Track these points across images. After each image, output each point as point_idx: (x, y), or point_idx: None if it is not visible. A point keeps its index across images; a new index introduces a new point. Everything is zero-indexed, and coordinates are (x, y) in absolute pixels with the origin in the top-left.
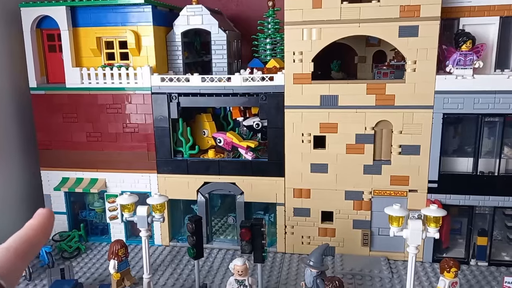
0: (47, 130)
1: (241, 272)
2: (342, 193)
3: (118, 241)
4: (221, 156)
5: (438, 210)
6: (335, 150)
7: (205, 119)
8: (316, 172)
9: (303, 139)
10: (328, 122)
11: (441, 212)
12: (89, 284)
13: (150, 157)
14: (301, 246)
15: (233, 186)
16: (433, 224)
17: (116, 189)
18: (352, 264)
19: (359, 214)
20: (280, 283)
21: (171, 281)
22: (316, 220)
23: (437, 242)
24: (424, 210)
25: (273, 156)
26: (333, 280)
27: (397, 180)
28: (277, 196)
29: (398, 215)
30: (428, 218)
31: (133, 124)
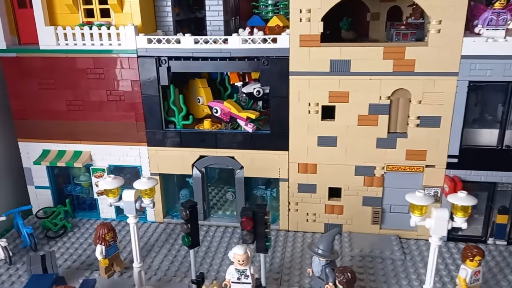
0: (22, 97)
1: (242, 261)
2: (352, 168)
3: (105, 225)
4: (218, 126)
5: (468, 198)
6: (345, 121)
7: (199, 85)
8: (324, 146)
9: (309, 109)
10: (338, 90)
11: (471, 201)
12: (75, 269)
13: (139, 128)
14: (306, 223)
15: (232, 160)
16: (460, 213)
17: (103, 163)
18: (361, 243)
19: (370, 191)
20: (283, 266)
21: (165, 265)
22: (323, 197)
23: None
24: (452, 197)
25: (276, 128)
26: (345, 271)
27: (413, 154)
28: (280, 171)
29: (421, 204)
30: (455, 207)
31: (118, 92)
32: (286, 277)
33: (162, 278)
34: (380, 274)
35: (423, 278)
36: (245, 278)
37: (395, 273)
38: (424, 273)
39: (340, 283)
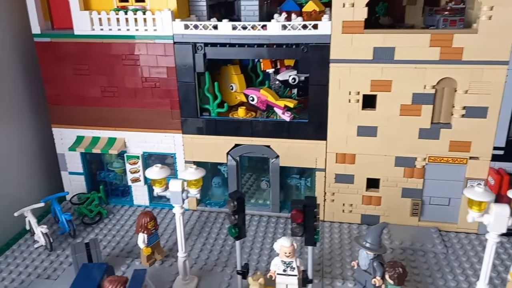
0: (56, 83)
1: (288, 253)
2: (392, 159)
3: (147, 214)
4: (252, 115)
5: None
6: (387, 111)
7: (232, 72)
8: (363, 136)
9: (350, 98)
10: (381, 79)
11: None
12: (115, 256)
13: (174, 116)
14: (342, 214)
15: (268, 149)
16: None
17: (137, 150)
18: (401, 236)
19: (410, 182)
20: (323, 258)
21: (205, 254)
22: (360, 188)
23: None
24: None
25: (314, 117)
26: (396, 266)
27: (457, 145)
28: (317, 161)
29: (481, 200)
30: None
31: (153, 78)
32: (328, 269)
33: (203, 267)
34: (424, 268)
35: (468, 272)
36: (291, 270)
37: (438, 266)
38: (468, 267)
39: (391, 278)
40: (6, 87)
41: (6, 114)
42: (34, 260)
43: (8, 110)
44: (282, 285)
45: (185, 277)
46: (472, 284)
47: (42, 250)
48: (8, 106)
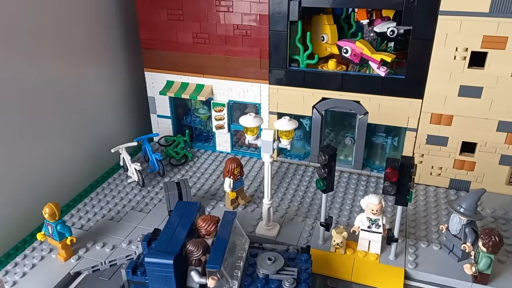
0: (151, 28)
1: (376, 211)
2: (495, 123)
3: (234, 160)
4: (343, 67)
5: None
6: (496, 71)
7: (325, 22)
8: (465, 96)
9: (456, 54)
10: (495, 35)
11: None
12: (201, 197)
13: (262, 65)
14: (429, 177)
15: (357, 104)
16: None
17: (223, 98)
18: (494, 204)
19: (511, 149)
20: (407, 219)
21: (285, 204)
22: (453, 151)
23: None
24: None
25: (413, 74)
26: (492, 234)
27: None
28: (409, 120)
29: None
30: None
31: (245, 26)
32: (412, 230)
33: (284, 215)
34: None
35: None
36: (376, 228)
37: None
38: None
39: (484, 245)
40: (103, 29)
41: (102, 54)
42: (128, 194)
43: (104, 50)
44: (365, 241)
45: (268, 223)
46: None
47: (134, 185)
48: (104, 47)
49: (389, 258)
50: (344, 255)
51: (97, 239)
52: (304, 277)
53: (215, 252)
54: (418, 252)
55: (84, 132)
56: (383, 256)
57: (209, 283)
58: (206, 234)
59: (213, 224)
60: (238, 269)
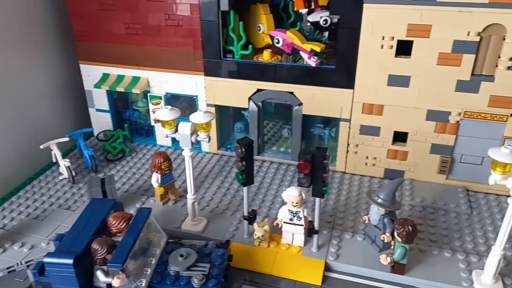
0: (82, 18)
1: (296, 203)
2: (424, 112)
3: (161, 154)
4: (278, 58)
5: None
6: (422, 59)
7: (261, 11)
8: (394, 86)
9: (383, 43)
10: (419, 23)
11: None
12: (132, 193)
13: (196, 56)
14: (364, 167)
15: (291, 95)
16: None
17: (160, 90)
18: (424, 193)
19: (441, 138)
20: (337, 210)
21: (218, 198)
22: (386, 141)
23: None
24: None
25: (343, 63)
26: (406, 224)
27: (498, 101)
28: (342, 110)
29: (507, 162)
30: None
31: (176, 16)
32: (340, 221)
33: (214, 209)
34: (442, 227)
35: (489, 235)
36: (298, 220)
37: (459, 227)
38: (491, 230)
39: (399, 235)
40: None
41: (34, 45)
42: (58, 191)
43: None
44: (288, 234)
45: (194, 218)
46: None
47: (65, 182)
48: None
49: (312, 250)
50: (267, 249)
51: (16, 239)
52: (215, 273)
53: (119, 251)
54: (341, 244)
55: (16, 127)
56: (307, 249)
57: (114, 283)
58: (117, 232)
59: (124, 221)
60: (149, 266)
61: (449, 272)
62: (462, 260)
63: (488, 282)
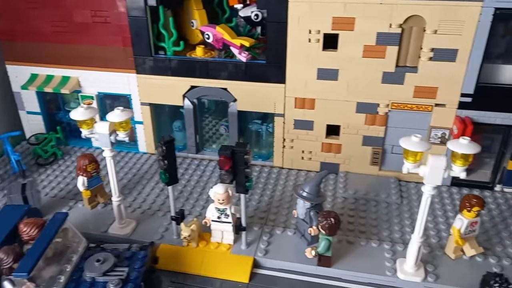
0: (8, 16)
1: (222, 200)
2: (353, 105)
3: (86, 156)
4: (212, 54)
5: (470, 145)
6: (349, 52)
7: (193, 6)
8: (324, 79)
9: (310, 37)
10: (343, 16)
11: (474, 149)
12: (61, 198)
13: (126, 54)
14: (301, 161)
15: (225, 92)
16: (460, 162)
17: (91, 90)
18: (357, 185)
19: (371, 130)
20: (272, 205)
21: (151, 198)
22: (320, 134)
23: None
24: (452, 144)
25: (273, 58)
26: (328, 216)
27: (423, 92)
28: (276, 105)
29: (416, 150)
30: (454, 154)
31: (103, 13)
32: (273, 216)
33: (146, 211)
34: (372, 218)
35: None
36: (225, 218)
37: (388, 217)
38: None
39: (322, 228)
40: None
41: None
42: None
43: None
44: (217, 232)
45: (121, 221)
46: None
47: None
48: None
49: (241, 247)
50: (196, 249)
51: None
52: (133, 276)
53: (27, 259)
54: (272, 239)
55: None
56: (236, 246)
57: None
58: (29, 240)
59: (35, 228)
60: (63, 274)
61: (375, 262)
62: (388, 249)
63: (410, 270)
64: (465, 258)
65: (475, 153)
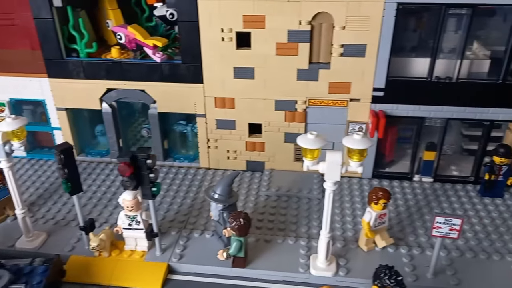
0: None
1: (131, 207)
2: (272, 103)
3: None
4: (129, 55)
5: (363, 140)
6: (262, 50)
7: (108, 6)
8: (241, 78)
9: (223, 36)
10: (253, 14)
11: (366, 143)
12: None
13: (36, 57)
14: (227, 161)
15: (143, 94)
16: (356, 157)
17: (2, 96)
18: (281, 182)
19: (292, 127)
20: (193, 207)
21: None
22: (243, 133)
23: (379, 155)
24: (346, 140)
25: (188, 58)
26: (238, 217)
27: (337, 87)
28: (196, 106)
29: (311, 148)
30: (349, 150)
31: (7, 15)
32: (193, 219)
33: (59, 222)
34: (292, 215)
35: (336, 218)
36: (137, 224)
37: (308, 213)
38: (338, 213)
39: (232, 229)
40: None
41: None
42: None
43: None
44: (130, 240)
45: (29, 234)
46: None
47: None
48: None
49: (156, 254)
50: (107, 258)
51: None
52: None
53: None
54: (188, 243)
55: None
56: (151, 253)
57: None
58: None
59: None
60: None
61: (289, 260)
62: (304, 246)
63: (322, 266)
64: (378, 250)
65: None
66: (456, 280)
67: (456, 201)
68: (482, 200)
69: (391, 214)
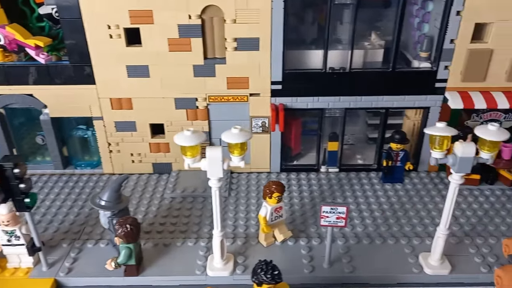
0: None
1: (7, 222)
2: (172, 101)
3: None
4: (15, 57)
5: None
6: (154, 47)
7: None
8: (135, 77)
9: (111, 33)
10: (139, 9)
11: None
12: None
13: None
14: (132, 165)
15: (32, 98)
16: (237, 152)
17: None
18: (187, 183)
19: (195, 125)
20: (90, 216)
21: None
22: (145, 135)
23: (286, 149)
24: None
25: (76, 58)
26: (124, 223)
27: (235, 82)
28: (91, 108)
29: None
30: (230, 145)
31: None
32: (89, 228)
33: None
34: (196, 215)
35: (240, 215)
36: (16, 240)
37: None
38: (243, 210)
39: (119, 236)
40: None
41: None
42: None
43: None
44: (13, 256)
45: None
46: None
47: None
48: None
49: (42, 269)
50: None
51: None
52: None
53: None
54: (80, 255)
55: None
56: (37, 269)
57: None
58: None
59: None
60: None
61: (187, 262)
62: (203, 247)
63: (218, 265)
64: (277, 244)
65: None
66: (351, 268)
67: (359, 189)
68: (383, 187)
69: (295, 207)
